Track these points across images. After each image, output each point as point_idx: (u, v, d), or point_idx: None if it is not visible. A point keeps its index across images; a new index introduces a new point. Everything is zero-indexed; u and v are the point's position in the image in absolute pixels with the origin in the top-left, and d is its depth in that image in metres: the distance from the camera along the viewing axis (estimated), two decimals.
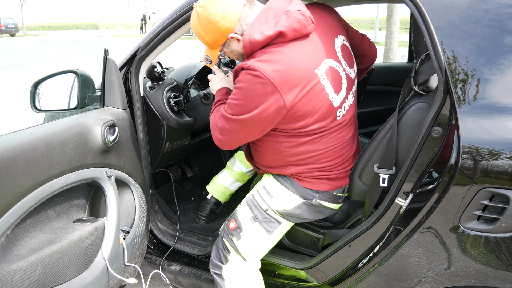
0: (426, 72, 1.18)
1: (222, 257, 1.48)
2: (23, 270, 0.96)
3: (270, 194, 1.44)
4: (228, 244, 1.46)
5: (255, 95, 1.20)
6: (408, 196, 1.17)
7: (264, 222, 1.44)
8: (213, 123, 1.35)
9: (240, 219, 1.46)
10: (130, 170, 1.43)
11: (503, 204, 1.01)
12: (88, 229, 1.15)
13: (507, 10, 1.06)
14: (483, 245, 1.06)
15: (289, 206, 1.43)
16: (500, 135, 1.01)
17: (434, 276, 1.16)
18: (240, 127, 1.27)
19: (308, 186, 1.41)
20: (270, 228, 1.44)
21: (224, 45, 1.31)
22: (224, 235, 1.48)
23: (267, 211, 1.43)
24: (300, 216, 1.45)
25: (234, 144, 1.35)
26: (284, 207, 1.42)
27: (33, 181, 0.99)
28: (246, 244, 1.45)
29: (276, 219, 1.43)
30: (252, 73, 1.18)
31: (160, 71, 1.80)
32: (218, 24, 1.23)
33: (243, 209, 1.47)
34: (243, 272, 1.46)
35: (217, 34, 1.26)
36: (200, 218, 2.02)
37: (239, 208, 1.49)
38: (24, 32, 31.04)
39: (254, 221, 1.44)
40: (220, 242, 1.49)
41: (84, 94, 1.51)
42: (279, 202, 1.43)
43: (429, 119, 1.11)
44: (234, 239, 1.45)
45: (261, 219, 1.43)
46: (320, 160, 1.38)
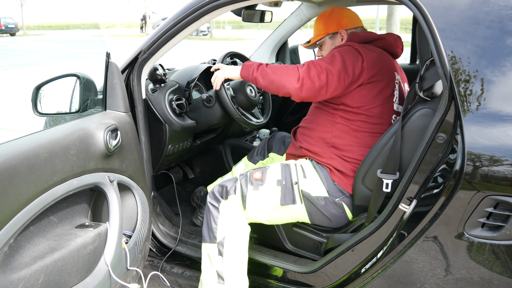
0: (431, 78, 1.17)
1: (224, 194, 1.52)
2: (26, 278, 0.95)
3: (305, 174, 1.52)
4: (240, 188, 1.51)
5: (350, 57, 1.45)
6: (412, 201, 1.16)
7: (285, 192, 1.49)
8: (292, 68, 1.45)
9: (268, 175, 1.52)
10: (132, 173, 1.43)
11: (508, 212, 1.01)
12: (91, 235, 1.15)
13: (508, 11, 1.05)
14: (487, 252, 1.05)
15: (314, 193, 1.49)
16: (505, 141, 1.01)
17: (437, 282, 1.15)
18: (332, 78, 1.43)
19: (338, 181, 1.50)
20: (286, 200, 1.49)
21: (330, 36, 1.67)
22: (242, 179, 1.53)
23: (295, 184, 1.50)
24: (317, 208, 1.49)
25: (308, 91, 1.43)
26: (310, 191, 1.50)
27: (36, 188, 0.99)
28: (257, 199, 1.50)
29: (295, 197, 1.49)
30: (349, 47, 1.49)
31: (162, 74, 1.80)
32: (341, 22, 1.65)
33: (275, 169, 1.53)
34: (238, 215, 1.52)
35: (334, 25, 1.66)
36: (198, 219, 2.01)
37: (272, 166, 1.55)
38: (24, 32, 31.01)
39: (278, 184, 1.50)
40: (232, 182, 1.54)
41: (85, 98, 1.51)
42: (307, 184, 1.50)
43: (433, 125, 1.10)
44: (250, 188, 1.50)
45: (285, 187, 1.50)
46: (358, 155, 1.49)
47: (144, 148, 1.64)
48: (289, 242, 1.66)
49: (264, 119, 2.11)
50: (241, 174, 1.57)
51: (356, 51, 1.47)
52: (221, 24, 38.91)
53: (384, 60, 1.54)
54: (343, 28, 1.64)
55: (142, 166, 1.55)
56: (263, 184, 1.50)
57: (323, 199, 1.49)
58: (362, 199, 1.44)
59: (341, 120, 1.52)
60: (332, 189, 1.50)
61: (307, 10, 2.52)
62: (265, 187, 1.50)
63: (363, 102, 1.48)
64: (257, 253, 1.60)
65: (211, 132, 2.21)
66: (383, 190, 1.29)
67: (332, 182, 1.50)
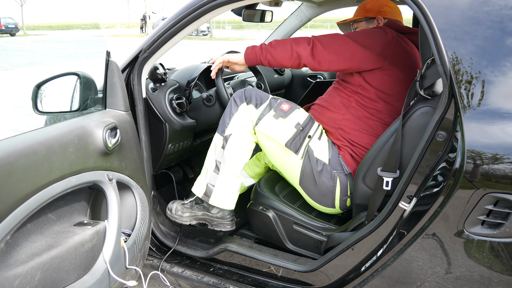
0: (431, 77, 1.17)
1: (250, 100, 1.56)
2: (23, 275, 0.95)
3: (320, 136, 1.57)
4: (265, 106, 1.55)
5: (374, 34, 1.49)
6: (412, 200, 1.16)
7: (296, 137, 1.52)
8: (301, 38, 1.50)
9: (293, 114, 1.54)
10: (131, 172, 1.42)
11: (507, 209, 1.00)
12: (89, 233, 1.14)
13: (509, 11, 1.05)
14: (487, 250, 1.05)
15: (317, 154, 1.53)
16: (505, 139, 1.01)
17: (437, 280, 1.15)
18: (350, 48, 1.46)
19: (343, 156, 1.54)
20: (291, 145, 1.52)
21: (368, 20, 1.72)
22: (271, 101, 1.56)
23: (307, 137, 1.54)
24: (312, 170, 1.52)
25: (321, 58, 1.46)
26: (314, 151, 1.53)
27: (34, 185, 0.98)
28: (270, 125, 1.53)
29: (300, 147, 1.53)
30: (380, 29, 1.52)
31: (162, 73, 1.80)
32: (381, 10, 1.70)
33: (302, 114, 1.57)
34: (249, 123, 1.56)
35: (374, 11, 1.71)
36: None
37: (301, 110, 1.59)
38: (24, 32, 31.04)
39: (296, 127, 1.53)
40: (263, 97, 1.57)
41: (86, 96, 1.51)
42: (316, 145, 1.54)
43: (433, 123, 1.10)
44: (272, 113, 1.53)
45: (299, 133, 1.53)
46: (365, 142, 1.52)
47: (144, 147, 1.64)
48: (289, 241, 1.65)
49: None
50: (273, 97, 1.59)
51: (385, 34, 1.48)
52: (221, 24, 38.94)
53: (412, 54, 1.53)
54: (382, 15, 1.67)
55: (142, 165, 1.54)
56: (284, 118, 1.53)
57: (322, 164, 1.53)
58: (363, 197, 1.43)
59: (355, 104, 1.55)
60: (334, 161, 1.54)
61: (307, 10, 2.52)
62: (284, 122, 1.53)
63: (381, 87, 1.49)
64: (257, 252, 1.60)
65: (211, 131, 2.21)
66: (383, 188, 1.29)
67: (337, 154, 1.55)
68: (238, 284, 1.58)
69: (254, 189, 1.76)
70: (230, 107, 1.59)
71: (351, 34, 1.50)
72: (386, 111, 1.52)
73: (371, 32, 1.50)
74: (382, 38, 1.47)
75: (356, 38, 1.47)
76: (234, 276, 1.62)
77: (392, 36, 1.49)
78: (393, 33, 1.50)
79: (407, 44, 1.54)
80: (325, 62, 1.47)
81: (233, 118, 1.57)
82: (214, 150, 1.62)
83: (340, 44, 1.46)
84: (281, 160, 1.59)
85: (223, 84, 1.79)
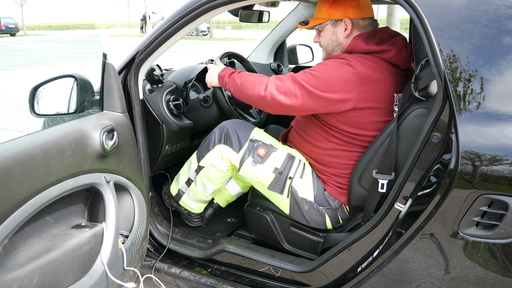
0: (426, 78, 1.17)
1: (229, 142, 1.58)
2: (21, 279, 0.95)
3: (302, 174, 1.52)
4: (243, 154, 1.54)
5: (337, 77, 1.31)
6: (407, 201, 1.17)
7: (277, 181, 1.50)
8: (260, 81, 1.41)
9: (270, 159, 1.51)
10: (129, 174, 1.43)
11: (502, 211, 1.01)
12: (87, 235, 1.15)
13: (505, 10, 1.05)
14: (482, 251, 1.06)
15: (301, 194, 1.51)
16: (499, 140, 1.01)
17: (433, 281, 1.16)
18: (306, 96, 1.34)
19: (330, 191, 1.50)
20: (274, 188, 1.51)
21: (333, 22, 1.47)
22: (249, 147, 1.54)
23: (289, 179, 1.50)
24: (299, 208, 1.52)
25: (278, 107, 1.39)
26: (298, 190, 1.50)
27: (31, 189, 0.99)
28: (250, 171, 1.53)
29: (284, 189, 1.51)
30: (344, 62, 1.33)
31: (159, 74, 1.80)
32: (348, 9, 1.44)
33: (279, 156, 1.51)
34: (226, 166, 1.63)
35: (340, 11, 1.44)
36: (193, 222, 2.01)
37: (279, 151, 1.53)
38: (24, 32, 31.05)
39: (274, 172, 1.50)
40: (244, 140, 1.56)
41: (83, 98, 1.51)
42: (300, 184, 1.51)
43: (428, 125, 1.10)
44: (250, 159, 1.52)
45: (280, 177, 1.50)
46: (349, 171, 1.46)
47: (142, 148, 1.65)
48: (286, 242, 1.66)
49: (261, 119, 2.12)
50: (251, 139, 1.56)
51: (352, 73, 1.30)
52: (221, 24, 38.89)
53: (386, 81, 1.36)
54: (349, 16, 1.43)
55: (140, 167, 1.55)
56: (262, 164, 1.50)
57: (308, 203, 1.51)
58: (358, 199, 1.44)
59: (335, 140, 1.44)
60: (320, 198, 1.51)
61: (305, 10, 2.52)
62: (262, 168, 1.51)
63: (358, 128, 1.38)
64: (255, 252, 1.61)
65: (208, 132, 2.21)
66: (379, 191, 1.30)
67: (322, 190, 1.51)
68: (235, 284, 1.59)
69: (251, 190, 1.76)
70: (210, 139, 1.65)
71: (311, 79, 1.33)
72: (364, 144, 1.41)
73: (337, 76, 1.31)
74: (347, 82, 1.30)
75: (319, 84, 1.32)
76: (232, 277, 1.62)
77: (359, 73, 1.31)
78: (360, 66, 1.31)
79: (378, 69, 1.35)
80: (282, 112, 1.41)
81: (209, 154, 1.64)
82: (189, 165, 1.74)
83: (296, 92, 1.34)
84: (269, 196, 1.61)
85: (222, 89, 1.80)
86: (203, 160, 1.67)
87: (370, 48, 1.38)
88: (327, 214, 1.52)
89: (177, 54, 14.11)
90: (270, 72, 2.69)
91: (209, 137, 1.65)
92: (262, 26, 32.48)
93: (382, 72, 1.35)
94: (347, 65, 1.31)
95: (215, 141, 1.61)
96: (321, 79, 1.32)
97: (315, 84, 1.32)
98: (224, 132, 1.60)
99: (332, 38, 1.49)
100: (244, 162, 1.53)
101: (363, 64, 1.32)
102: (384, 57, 1.38)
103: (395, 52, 1.38)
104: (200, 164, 1.68)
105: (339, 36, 1.47)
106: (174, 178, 1.88)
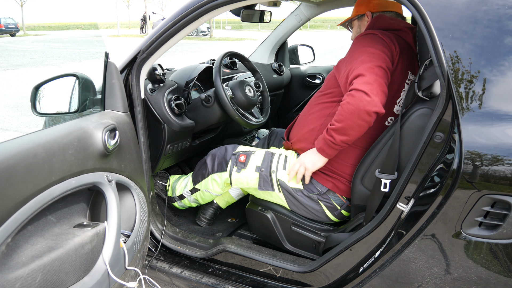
0: (429, 78, 1.17)
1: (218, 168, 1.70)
2: (24, 278, 0.95)
3: (285, 165, 1.58)
4: (230, 169, 1.66)
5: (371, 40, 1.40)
6: (410, 201, 1.17)
7: (263, 178, 1.58)
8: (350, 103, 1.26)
9: (251, 160, 1.62)
10: (131, 173, 1.43)
11: (505, 211, 1.01)
12: (89, 234, 1.15)
13: (506, 10, 1.05)
14: (484, 251, 1.05)
15: (291, 184, 1.55)
16: (503, 140, 1.01)
17: (435, 281, 1.16)
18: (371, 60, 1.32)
19: (315, 177, 1.52)
20: (263, 186, 1.59)
21: (359, 17, 1.66)
22: (232, 160, 1.66)
23: (272, 173, 1.57)
24: (295, 198, 1.55)
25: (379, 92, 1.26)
26: (285, 180, 1.56)
27: (34, 188, 0.99)
28: (239, 179, 1.64)
29: (273, 184, 1.58)
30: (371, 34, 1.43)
31: (161, 74, 1.80)
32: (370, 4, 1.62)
33: (258, 156, 1.63)
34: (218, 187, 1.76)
35: (363, 7, 1.63)
36: (201, 220, 2.02)
37: (257, 152, 1.65)
38: (24, 32, 31.03)
39: (256, 170, 1.60)
40: (228, 158, 1.68)
41: (84, 97, 1.51)
42: (285, 175, 1.55)
43: (431, 124, 1.10)
44: (235, 169, 1.65)
45: (263, 174, 1.58)
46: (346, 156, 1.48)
47: (143, 148, 1.64)
48: (288, 242, 1.66)
49: (263, 119, 2.12)
50: (233, 153, 1.68)
51: (380, 38, 1.39)
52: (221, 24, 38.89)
53: (404, 54, 1.43)
54: (371, 10, 1.61)
55: (141, 166, 1.55)
56: (245, 168, 1.61)
57: (299, 191, 1.55)
58: (361, 198, 1.44)
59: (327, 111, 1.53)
60: (308, 184, 1.54)
61: (306, 10, 2.52)
62: (246, 171, 1.62)
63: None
64: (256, 252, 1.61)
65: (210, 132, 2.21)
66: (381, 190, 1.30)
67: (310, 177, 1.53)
68: (236, 284, 1.59)
69: None
70: (200, 168, 1.80)
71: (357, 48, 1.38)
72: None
73: (367, 40, 1.40)
74: (382, 43, 1.38)
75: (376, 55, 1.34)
76: (233, 277, 1.62)
77: (381, 35, 1.41)
78: (383, 35, 1.41)
79: (399, 42, 1.43)
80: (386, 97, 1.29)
81: (204, 181, 1.79)
82: (185, 184, 1.89)
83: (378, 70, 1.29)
84: (266, 197, 1.66)
85: (222, 85, 1.79)
86: (199, 184, 1.82)
87: (391, 23, 1.50)
88: (320, 201, 1.54)
89: (177, 54, 14.11)
90: (271, 72, 2.69)
91: (203, 164, 1.79)
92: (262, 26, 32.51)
93: (402, 46, 1.44)
94: (372, 35, 1.43)
95: (209, 171, 1.75)
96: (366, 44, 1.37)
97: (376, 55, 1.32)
98: (216, 160, 1.73)
99: (357, 31, 1.67)
100: (232, 173, 1.65)
101: (384, 35, 1.42)
102: (403, 36, 1.48)
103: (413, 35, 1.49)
104: (195, 186, 1.84)
105: (362, 28, 1.64)
106: (170, 183, 2.00)
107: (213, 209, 2.00)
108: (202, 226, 2.01)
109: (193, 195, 1.88)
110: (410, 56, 1.46)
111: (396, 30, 1.47)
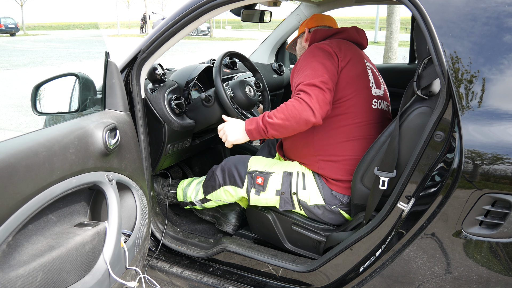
0: (429, 76, 1.17)
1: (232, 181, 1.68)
2: (25, 276, 0.95)
3: (304, 185, 1.56)
4: (247, 187, 1.63)
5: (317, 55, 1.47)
6: (410, 200, 1.17)
7: (284, 200, 1.58)
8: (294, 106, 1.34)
9: (269, 184, 1.59)
10: (131, 173, 1.43)
11: (505, 210, 1.01)
12: (90, 234, 1.15)
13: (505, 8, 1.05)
14: (485, 250, 1.05)
15: (311, 202, 1.55)
16: (503, 139, 1.01)
17: (436, 280, 1.16)
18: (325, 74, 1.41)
19: (335, 189, 1.52)
20: (285, 206, 1.59)
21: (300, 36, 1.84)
22: (249, 179, 1.63)
23: (293, 195, 1.57)
24: (315, 214, 1.56)
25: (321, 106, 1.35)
26: (307, 201, 1.56)
27: (35, 187, 0.99)
28: (258, 200, 1.62)
29: (294, 204, 1.58)
30: (313, 47, 1.51)
31: (161, 73, 1.80)
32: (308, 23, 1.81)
33: (276, 178, 1.59)
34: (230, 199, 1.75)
35: (303, 26, 1.83)
36: (206, 215, 2.01)
37: (274, 174, 1.60)
38: (24, 31, 31.04)
39: (277, 194, 1.58)
40: (243, 175, 1.65)
41: (85, 97, 1.51)
42: (305, 195, 1.55)
43: (431, 123, 1.10)
44: (253, 190, 1.62)
45: (284, 197, 1.57)
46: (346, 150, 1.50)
47: (143, 147, 1.65)
48: (288, 241, 1.66)
49: None
50: (249, 172, 1.64)
51: (320, 49, 1.48)
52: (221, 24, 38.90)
53: (351, 47, 1.56)
54: (308, 27, 1.79)
55: (141, 166, 1.55)
56: (264, 191, 1.60)
57: (320, 207, 1.55)
58: (361, 197, 1.44)
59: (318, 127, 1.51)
60: (329, 198, 1.54)
61: (306, 10, 2.52)
62: (266, 194, 1.60)
63: (338, 94, 1.47)
64: (257, 252, 1.61)
65: (210, 131, 2.21)
66: (380, 188, 1.30)
67: (329, 190, 1.54)
68: (237, 284, 1.59)
69: None
70: (209, 179, 1.77)
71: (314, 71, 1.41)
72: (351, 111, 1.49)
73: (311, 54, 1.47)
74: (324, 53, 1.46)
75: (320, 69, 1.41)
76: (233, 276, 1.62)
77: (326, 45, 1.49)
78: (323, 43, 1.51)
79: (339, 41, 1.55)
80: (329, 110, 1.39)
81: (216, 192, 1.76)
82: (196, 193, 1.87)
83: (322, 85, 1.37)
84: (288, 211, 1.65)
85: (222, 85, 1.80)
86: (210, 195, 1.80)
87: (327, 32, 1.64)
88: (341, 210, 1.55)
89: (177, 54, 14.11)
90: (271, 72, 2.69)
91: (212, 176, 1.76)
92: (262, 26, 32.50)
93: (344, 42, 1.56)
94: (315, 48, 1.50)
95: (220, 183, 1.72)
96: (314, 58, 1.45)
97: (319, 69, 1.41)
98: (226, 172, 1.70)
99: (299, 47, 1.86)
100: (250, 193, 1.63)
101: (324, 42, 1.54)
102: (341, 37, 1.63)
103: (351, 32, 1.64)
104: (206, 197, 1.82)
105: (303, 44, 1.81)
106: (180, 187, 1.98)
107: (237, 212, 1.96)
108: (207, 219, 2.00)
109: (204, 204, 1.87)
110: (357, 50, 1.60)
111: (334, 34, 1.63)
